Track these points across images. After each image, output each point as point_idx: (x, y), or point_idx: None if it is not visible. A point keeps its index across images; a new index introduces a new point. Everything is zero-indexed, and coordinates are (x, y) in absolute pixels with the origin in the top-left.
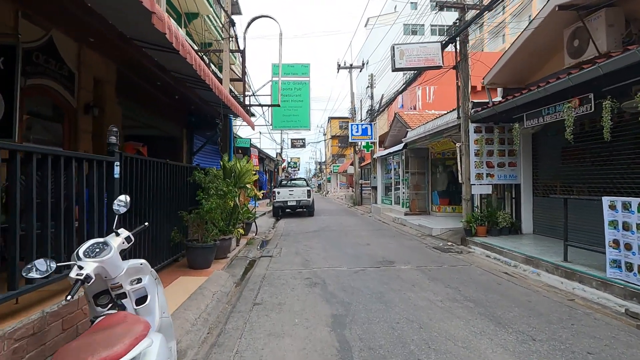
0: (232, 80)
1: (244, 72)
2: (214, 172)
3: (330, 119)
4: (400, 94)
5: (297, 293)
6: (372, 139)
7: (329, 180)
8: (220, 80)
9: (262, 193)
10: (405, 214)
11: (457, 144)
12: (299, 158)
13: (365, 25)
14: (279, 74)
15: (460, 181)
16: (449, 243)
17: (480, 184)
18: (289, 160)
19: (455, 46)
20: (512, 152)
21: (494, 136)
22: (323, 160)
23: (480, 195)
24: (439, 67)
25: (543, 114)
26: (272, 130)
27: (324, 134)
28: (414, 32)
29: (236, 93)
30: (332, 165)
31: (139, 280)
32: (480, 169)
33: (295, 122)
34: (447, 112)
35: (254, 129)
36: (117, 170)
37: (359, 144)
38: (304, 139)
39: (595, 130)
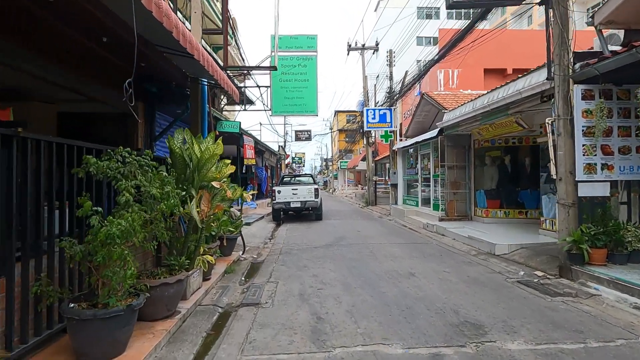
0: (208, 32)
1: (225, 19)
2: (144, 158)
3: (337, 112)
4: (441, 58)
5: None
6: (391, 127)
7: (335, 177)
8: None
9: (253, 193)
10: (441, 219)
11: (548, 120)
12: (303, 153)
13: (375, 10)
14: (276, 22)
15: (553, 176)
16: (537, 272)
17: (593, 181)
18: (294, 156)
19: None
20: None
21: (615, 105)
22: (329, 156)
23: (591, 198)
24: (518, 2)
25: None
26: (271, 115)
27: (331, 128)
28: (429, 16)
29: (229, 73)
30: (339, 161)
31: None
32: (592, 156)
33: (299, 106)
34: (521, 76)
35: (238, 100)
36: None
37: (374, 134)
38: (309, 131)
39: None
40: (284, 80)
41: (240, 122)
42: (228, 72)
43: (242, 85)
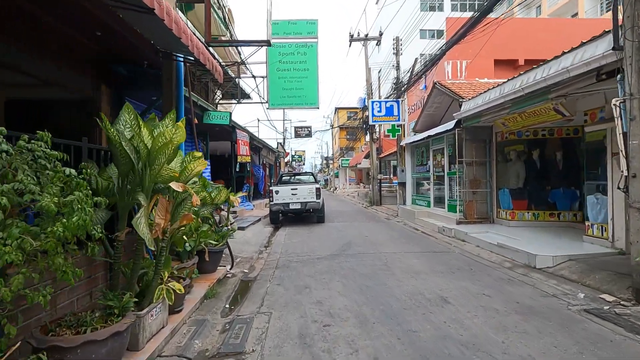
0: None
1: None
2: (38, 145)
3: (337, 109)
4: (461, 38)
5: None
6: (399, 120)
7: (336, 176)
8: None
9: (243, 195)
10: (459, 222)
11: (615, 101)
12: (304, 151)
13: (377, 2)
14: None
15: (622, 171)
16: (603, 295)
17: None
18: (293, 154)
19: None
20: None
21: None
22: (330, 154)
23: None
24: None
25: None
26: (268, 108)
27: (331, 125)
28: (432, 8)
29: (221, 61)
30: (340, 159)
31: None
32: None
33: (299, 97)
34: (567, 52)
35: (221, 81)
36: None
37: (378, 129)
38: (309, 127)
39: None
40: (282, 69)
41: (230, 113)
42: (213, 52)
43: (235, 76)
